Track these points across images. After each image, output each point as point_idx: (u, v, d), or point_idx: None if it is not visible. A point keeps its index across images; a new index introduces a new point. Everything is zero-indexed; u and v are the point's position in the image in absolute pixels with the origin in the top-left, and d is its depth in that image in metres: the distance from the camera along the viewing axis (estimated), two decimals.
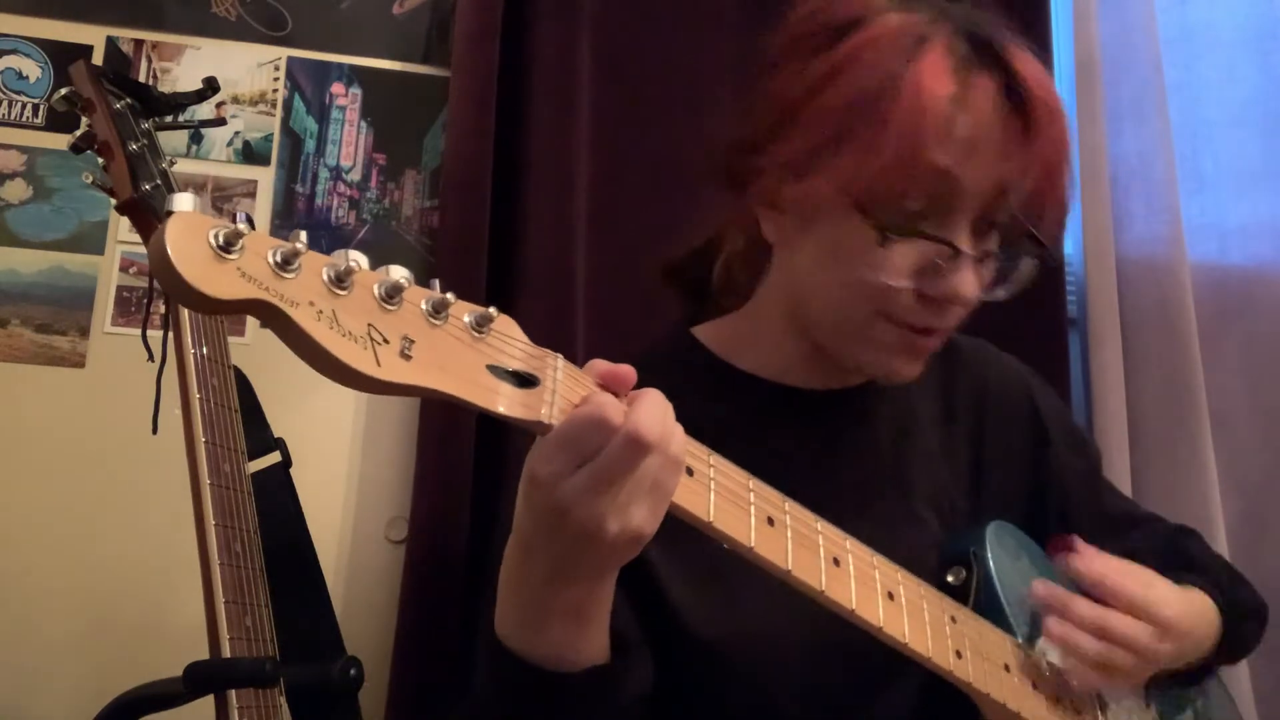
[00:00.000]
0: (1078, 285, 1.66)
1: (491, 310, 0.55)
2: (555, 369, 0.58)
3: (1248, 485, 1.65)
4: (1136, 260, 1.66)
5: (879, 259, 0.79)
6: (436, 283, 0.54)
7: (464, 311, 0.54)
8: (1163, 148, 1.67)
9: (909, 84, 0.76)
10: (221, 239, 0.46)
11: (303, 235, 0.48)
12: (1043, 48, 1.65)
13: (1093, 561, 0.86)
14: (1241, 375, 1.69)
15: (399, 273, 0.51)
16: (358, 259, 0.50)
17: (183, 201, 0.48)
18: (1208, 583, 0.95)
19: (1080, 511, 1.03)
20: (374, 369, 0.49)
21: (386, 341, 0.50)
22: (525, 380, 0.56)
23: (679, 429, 0.62)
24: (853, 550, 0.72)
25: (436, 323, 0.53)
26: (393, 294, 0.51)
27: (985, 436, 0.99)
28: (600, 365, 0.61)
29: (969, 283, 0.79)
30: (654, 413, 0.59)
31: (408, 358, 0.51)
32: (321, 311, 0.48)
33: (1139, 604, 0.83)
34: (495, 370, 0.55)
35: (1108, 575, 0.85)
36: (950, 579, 0.87)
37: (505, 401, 0.55)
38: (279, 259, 0.48)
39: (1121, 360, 1.60)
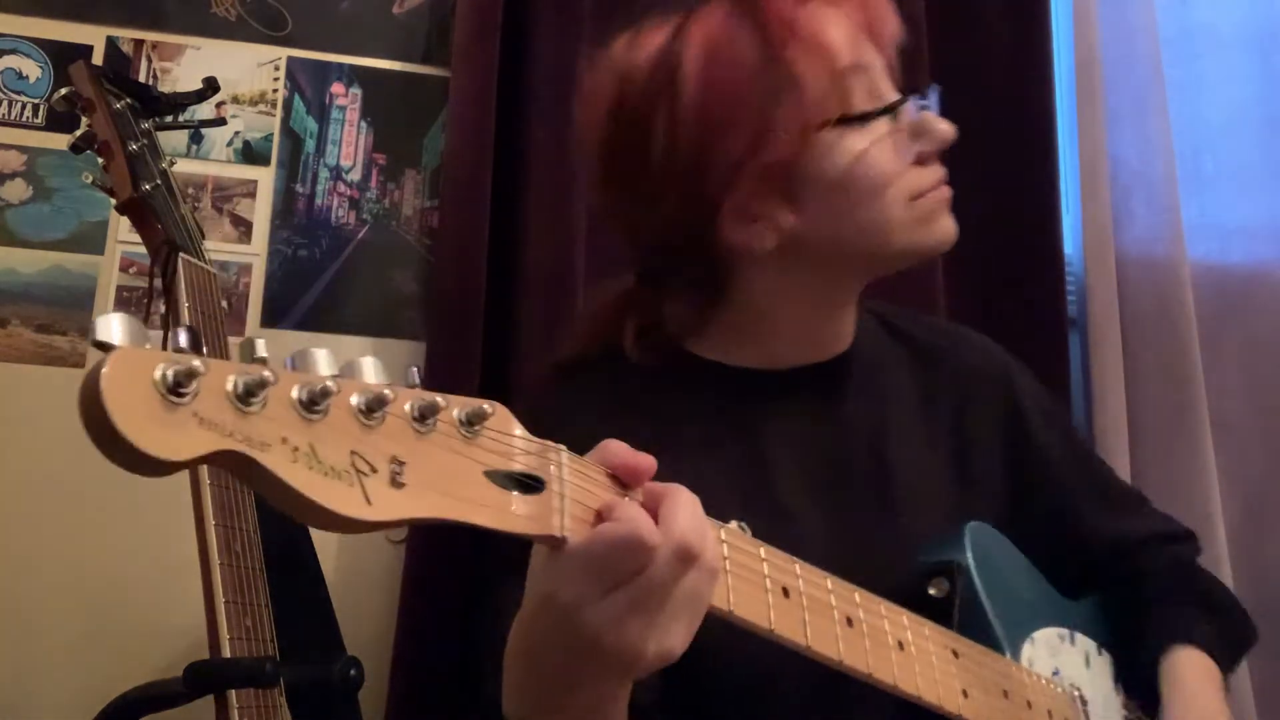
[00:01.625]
0: (1078, 285, 1.66)
1: (485, 406, 0.49)
2: (559, 465, 0.52)
3: (1248, 485, 1.65)
4: (1136, 260, 1.66)
5: (882, 155, 0.86)
6: (415, 370, 0.49)
7: (455, 409, 0.48)
8: (1163, 148, 1.67)
9: (777, 29, 0.84)
10: (172, 378, 0.38)
11: (260, 346, 0.42)
12: (1043, 48, 1.65)
13: None
14: (1241, 375, 1.69)
15: (372, 373, 0.46)
16: (326, 370, 0.44)
17: (114, 328, 0.39)
18: (1211, 628, 0.98)
19: (1074, 489, 1.03)
20: (363, 510, 0.42)
21: (374, 470, 0.43)
22: (528, 484, 0.50)
23: (711, 530, 0.58)
24: (862, 604, 0.71)
25: (423, 431, 0.46)
26: (374, 408, 0.44)
27: (966, 418, 1.00)
28: (615, 456, 0.56)
29: (943, 121, 0.88)
30: (695, 522, 0.55)
31: (399, 485, 0.44)
32: (297, 449, 0.41)
33: None
34: (494, 476, 0.49)
35: None
36: (933, 592, 0.86)
37: (512, 518, 0.49)
38: (241, 391, 0.40)
39: (1121, 360, 1.60)
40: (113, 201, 1.09)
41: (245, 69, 1.53)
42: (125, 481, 1.53)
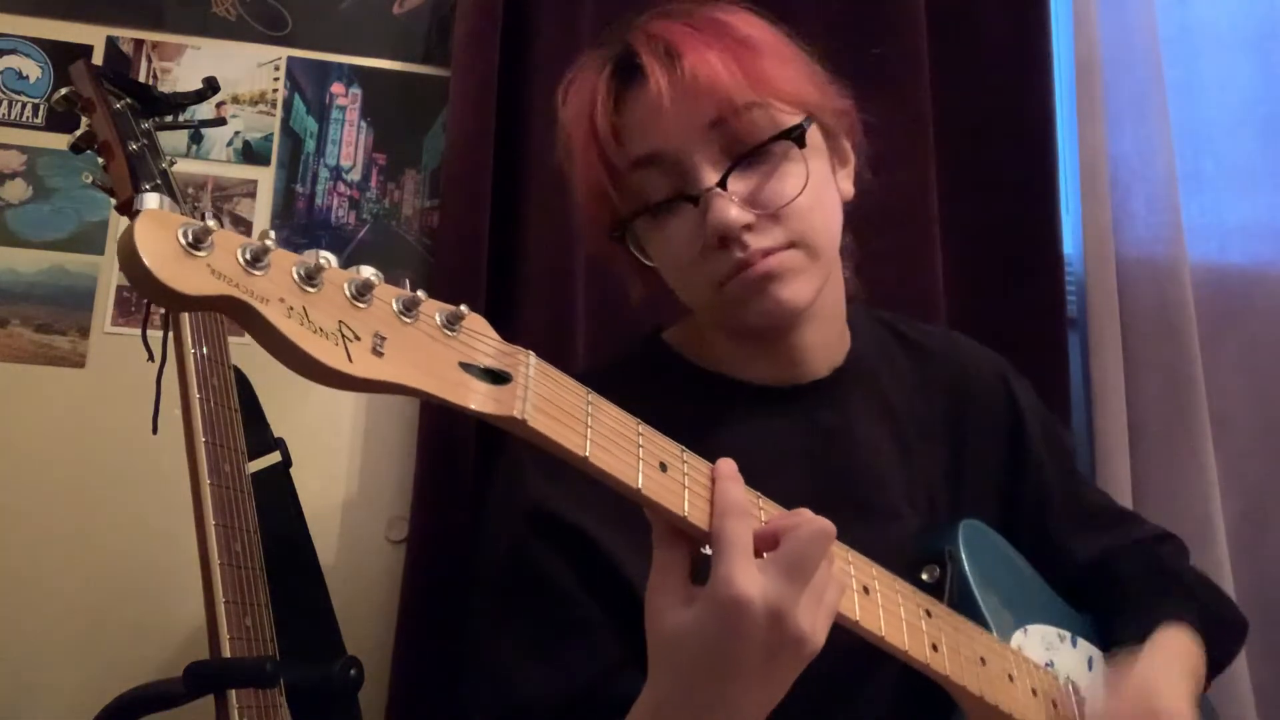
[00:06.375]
0: (1078, 285, 1.66)
1: (463, 308, 0.56)
2: (527, 365, 0.58)
3: (1248, 485, 1.65)
4: (1136, 260, 1.66)
5: (673, 246, 0.87)
6: (407, 281, 0.54)
7: (435, 310, 0.55)
8: (1163, 148, 1.67)
9: (565, 120, 0.91)
10: (191, 236, 0.46)
11: (271, 234, 0.49)
12: (1042, 48, 1.65)
13: None
14: (1241, 375, 1.69)
15: (368, 271, 0.52)
16: (327, 257, 0.51)
17: (150, 200, 0.47)
18: (1190, 611, 0.97)
19: (1058, 504, 1.04)
20: (345, 365, 0.49)
21: (358, 338, 0.50)
22: (498, 377, 0.56)
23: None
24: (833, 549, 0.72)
25: (407, 320, 0.53)
26: (363, 292, 0.52)
27: (964, 425, 1.00)
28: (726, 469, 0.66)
29: (721, 210, 0.82)
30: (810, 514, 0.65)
31: (380, 354, 0.51)
32: (292, 308, 0.49)
33: None
34: (467, 367, 0.55)
35: None
36: (925, 577, 0.88)
37: (478, 398, 0.55)
38: (248, 256, 0.48)
39: (1121, 360, 1.60)
40: (113, 201, 1.08)
41: (245, 69, 1.53)
42: (125, 482, 1.52)
